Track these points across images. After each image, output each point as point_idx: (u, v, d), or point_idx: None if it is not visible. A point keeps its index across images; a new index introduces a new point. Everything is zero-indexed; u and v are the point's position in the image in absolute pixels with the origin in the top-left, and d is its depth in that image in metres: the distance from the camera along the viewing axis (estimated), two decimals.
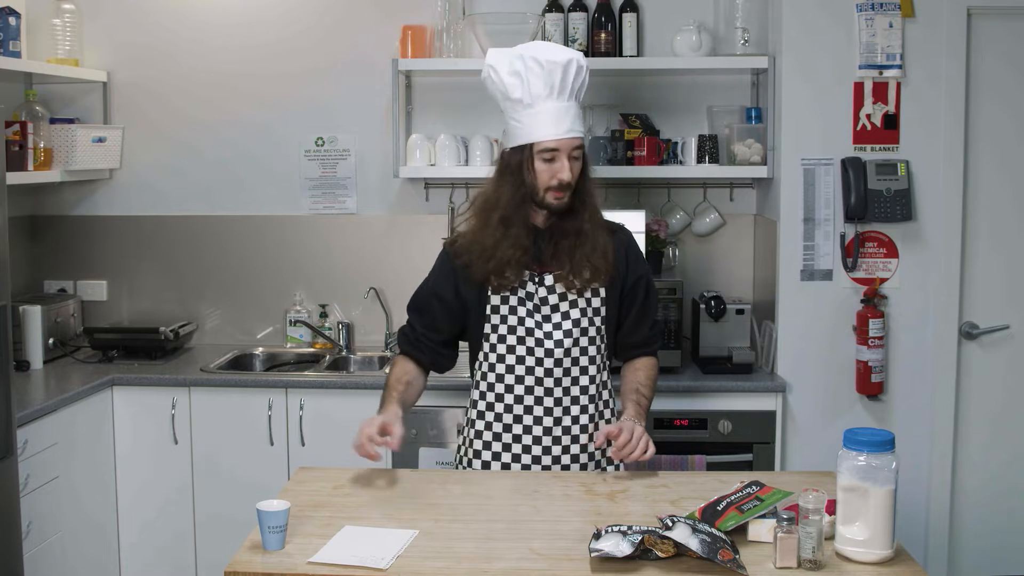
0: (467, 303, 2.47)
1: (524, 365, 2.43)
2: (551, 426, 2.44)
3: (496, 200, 2.42)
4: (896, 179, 3.38)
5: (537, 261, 2.44)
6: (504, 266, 2.39)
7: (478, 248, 2.42)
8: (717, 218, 3.84)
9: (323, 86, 3.98)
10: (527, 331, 2.43)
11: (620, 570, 1.83)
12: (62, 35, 3.87)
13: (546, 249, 2.44)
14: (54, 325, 3.76)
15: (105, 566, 3.48)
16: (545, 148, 2.35)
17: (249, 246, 4.06)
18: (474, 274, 2.43)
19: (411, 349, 2.56)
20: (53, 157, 3.68)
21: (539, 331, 2.42)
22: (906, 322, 3.46)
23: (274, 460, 3.48)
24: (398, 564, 1.88)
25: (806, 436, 3.47)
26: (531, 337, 2.42)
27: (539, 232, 2.45)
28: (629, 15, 3.75)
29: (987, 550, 3.52)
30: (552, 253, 2.43)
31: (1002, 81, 3.43)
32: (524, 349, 2.43)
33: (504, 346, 2.44)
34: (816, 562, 1.85)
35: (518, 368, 2.44)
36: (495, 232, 2.39)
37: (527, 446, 2.45)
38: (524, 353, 2.43)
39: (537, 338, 2.42)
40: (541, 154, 2.35)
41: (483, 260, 2.40)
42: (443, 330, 2.53)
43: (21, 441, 2.90)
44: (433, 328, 2.53)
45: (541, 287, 2.44)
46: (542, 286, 2.44)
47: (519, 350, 2.43)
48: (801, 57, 3.44)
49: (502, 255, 2.38)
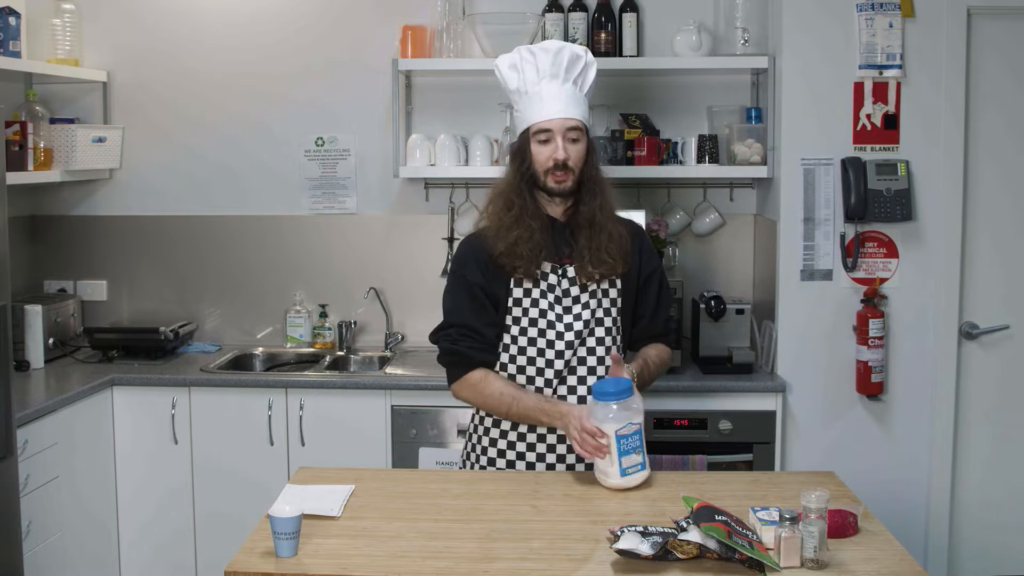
0: (497, 296, 2.48)
1: (544, 357, 2.45)
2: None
3: (503, 187, 2.49)
4: (896, 179, 3.38)
5: (558, 253, 2.47)
6: (514, 247, 2.41)
7: (492, 233, 2.45)
8: (717, 218, 3.84)
9: (323, 86, 3.98)
10: (548, 323, 2.45)
11: (642, 570, 1.83)
12: (62, 35, 3.87)
13: (566, 241, 2.47)
14: (54, 325, 3.76)
15: (105, 566, 3.48)
16: (539, 129, 2.42)
17: (249, 246, 4.06)
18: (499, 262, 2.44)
19: (486, 356, 2.46)
20: (53, 157, 3.68)
21: (560, 323, 2.45)
22: (906, 322, 3.46)
23: (274, 460, 3.48)
24: (398, 564, 1.89)
25: (806, 436, 3.47)
26: (552, 329, 2.44)
27: (558, 224, 2.48)
28: (629, 15, 3.75)
29: (987, 550, 3.52)
30: (571, 244, 2.46)
31: (1002, 81, 3.43)
32: (544, 341, 2.45)
33: (525, 338, 2.46)
34: (819, 561, 1.85)
35: (538, 360, 2.45)
36: (503, 216, 2.44)
37: (542, 435, 2.46)
38: (544, 345, 2.45)
39: (558, 330, 2.44)
40: (536, 136, 2.42)
41: (500, 243, 2.43)
42: (498, 322, 2.47)
43: (21, 441, 2.90)
44: (493, 323, 2.46)
45: (564, 279, 2.47)
46: (564, 278, 2.47)
47: (540, 342, 2.45)
48: (801, 57, 3.44)
49: (511, 237, 2.41)
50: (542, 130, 2.41)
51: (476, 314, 2.45)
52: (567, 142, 2.40)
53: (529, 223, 2.42)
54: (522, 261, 2.42)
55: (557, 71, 2.43)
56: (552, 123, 2.40)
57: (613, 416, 2.23)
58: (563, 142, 2.40)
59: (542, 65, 2.43)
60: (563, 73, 2.43)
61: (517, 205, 2.43)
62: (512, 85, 2.48)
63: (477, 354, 2.44)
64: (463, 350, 2.43)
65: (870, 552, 1.94)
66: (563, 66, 2.43)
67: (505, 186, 2.48)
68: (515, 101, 2.51)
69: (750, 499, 2.19)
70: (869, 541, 2.00)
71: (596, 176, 2.48)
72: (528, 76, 2.45)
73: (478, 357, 2.44)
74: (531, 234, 2.41)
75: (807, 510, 1.85)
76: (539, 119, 2.42)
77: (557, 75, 2.43)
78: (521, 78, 2.46)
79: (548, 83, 2.43)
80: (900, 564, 1.89)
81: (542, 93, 2.42)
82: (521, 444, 2.48)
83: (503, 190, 2.48)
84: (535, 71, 2.44)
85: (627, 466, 2.25)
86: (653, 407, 3.34)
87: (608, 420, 2.23)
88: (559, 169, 2.40)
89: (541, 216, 2.46)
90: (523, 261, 2.42)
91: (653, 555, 1.82)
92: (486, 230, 2.49)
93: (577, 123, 2.42)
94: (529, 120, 2.44)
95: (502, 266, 2.44)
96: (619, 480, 2.26)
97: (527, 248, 2.41)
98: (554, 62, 2.43)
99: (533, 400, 2.40)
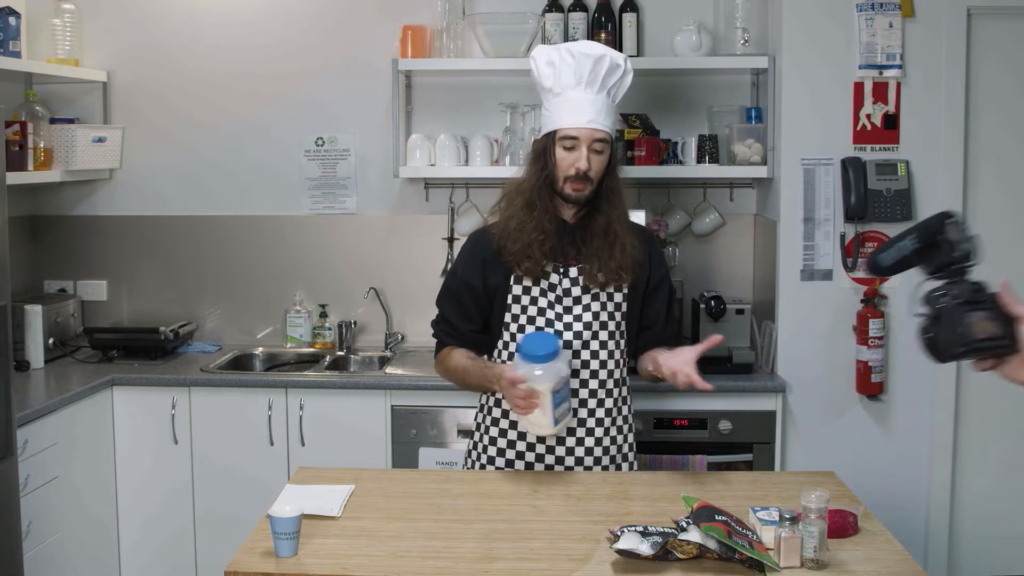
0: (494, 292, 2.49)
1: None
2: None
3: (520, 185, 2.48)
4: (896, 179, 3.38)
5: (563, 254, 2.47)
6: (528, 248, 2.41)
7: (504, 232, 2.45)
8: (717, 218, 3.84)
9: (323, 86, 3.98)
10: (547, 322, 2.45)
11: (642, 570, 1.83)
12: (62, 35, 3.87)
13: (573, 243, 2.47)
14: (54, 325, 3.76)
15: (105, 566, 3.48)
16: (566, 136, 2.39)
17: (249, 246, 4.06)
18: (503, 258, 2.45)
19: (451, 340, 2.55)
20: (53, 157, 3.68)
21: (559, 323, 2.45)
22: (906, 322, 3.45)
23: (274, 460, 3.48)
24: (398, 564, 1.89)
25: (806, 436, 3.47)
26: (550, 328, 2.44)
27: (567, 227, 2.48)
28: (629, 15, 3.75)
29: (987, 550, 3.53)
30: (578, 248, 2.46)
31: (1002, 81, 3.44)
32: None
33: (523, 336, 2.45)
34: (819, 561, 1.85)
35: None
36: (519, 215, 2.44)
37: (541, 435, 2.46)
38: None
39: (556, 329, 2.44)
40: (562, 141, 2.40)
41: (510, 243, 2.43)
42: (476, 319, 2.53)
43: (21, 441, 2.90)
44: (468, 318, 2.53)
45: (565, 279, 2.46)
46: (566, 277, 2.46)
47: None
48: (801, 57, 3.44)
49: (526, 238, 2.41)
50: (568, 137, 2.38)
51: (454, 308, 2.55)
52: (592, 152, 2.38)
53: (547, 226, 2.42)
54: (531, 262, 2.42)
55: (595, 78, 2.39)
56: (580, 132, 2.37)
57: (544, 375, 2.23)
58: (588, 152, 2.38)
59: (581, 70, 2.39)
60: (600, 81, 2.40)
61: (539, 208, 2.42)
62: (546, 83, 2.44)
63: (447, 338, 2.56)
64: (438, 334, 2.59)
65: (870, 552, 1.94)
66: (601, 74, 2.39)
67: (527, 186, 2.46)
68: (545, 99, 2.47)
69: (750, 499, 2.20)
70: (869, 541, 2.00)
71: (616, 186, 2.46)
72: (564, 78, 2.40)
73: (445, 340, 2.56)
74: (546, 237, 2.42)
75: (807, 510, 1.85)
76: (568, 125, 2.38)
77: (594, 82, 2.39)
78: (557, 78, 2.41)
79: (583, 90, 2.39)
80: (900, 564, 1.89)
81: (575, 99, 2.38)
82: (521, 443, 2.48)
83: (524, 190, 2.46)
84: (572, 74, 2.39)
85: (559, 416, 2.30)
86: (653, 407, 3.34)
87: (541, 379, 2.23)
88: (579, 179, 2.39)
89: (555, 219, 2.45)
90: (532, 262, 2.42)
91: (653, 555, 1.83)
92: (493, 227, 2.50)
93: (605, 134, 2.39)
94: (557, 123, 2.41)
95: (507, 263, 2.44)
96: (551, 430, 2.32)
97: (540, 251, 2.42)
98: (593, 69, 2.38)
99: (478, 367, 2.45)
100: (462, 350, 2.52)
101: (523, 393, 2.23)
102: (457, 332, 2.54)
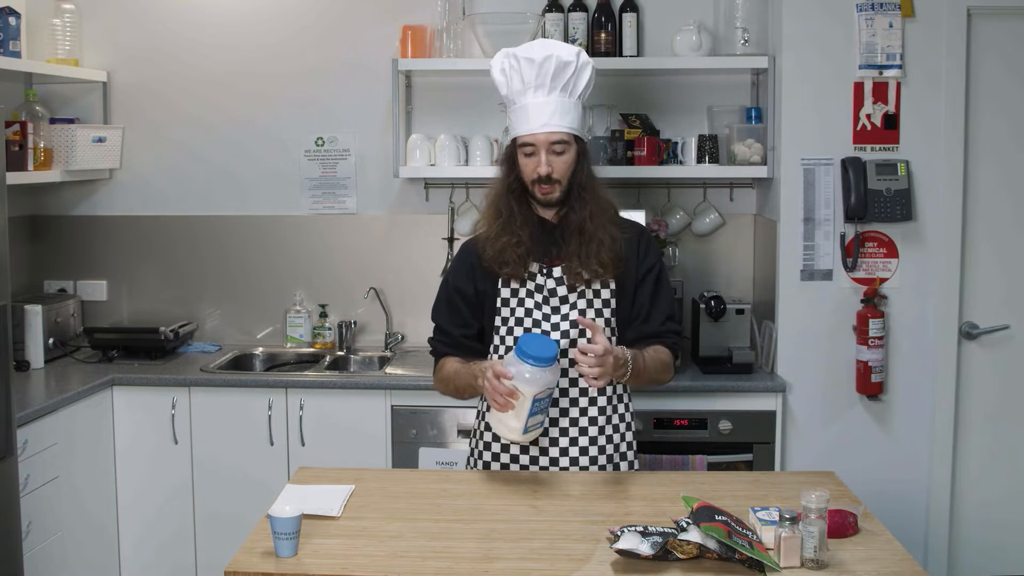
0: (484, 297, 2.50)
1: None
2: (558, 417, 2.44)
3: (492, 194, 2.52)
4: (896, 179, 3.38)
5: (547, 254, 2.47)
6: (502, 254, 2.43)
7: (484, 238, 2.48)
8: (717, 218, 3.84)
9: (323, 86, 3.98)
10: (534, 322, 2.45)
11: (642, 570, 1.83)
12: (62, 35, 3.87)
13: (555, 243, 2.47)
14: (54, 325, 3.76)
15: (105, 566, 3.48)
16: (523, 143, 2.41)
17: (249, 246, 4.06)
18: (485, 264, 2.47)
19: (449, 350, 2.53)
20: (53, 157, 3.68)
21: (546, 323, 2.44)
22: (906, 322, 3.46)
23: (274, 460, 3.48)
24: (398, 564, 1.89)
25: (806, 436, 3.47)
26: (538, 328, 2.44)
27: (549, 226, 2.49)
28: (629, 15, 3.75)
29: (987, 550, 3.52)
30: (560, 247, 2.46)
31: (1002, 81, 3.43)
32: None
33: (512, 338, 2.46)
34: (819, 561, 1.85)
35: None
36: (493, 221, 2.47)
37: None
38: None
39: (544, 329, 2.44)
40: (522, 148, 2.42)
41: (488, 249, 2.46)
42: (471, 323, 2.54)
43: (21, 441, 2.90)
44: (462, 323, 2.53)
45: (550, 279, 2.47)
46: (551, 278, 2.47)
47: None
48: (801, 57, 3.44)
49: (499, 243, 2.43)
50: (526, 144, 2.40)
51: (448, 316, 2.54)
52: (551, 155, 2.39)
53: (517, 231, 2.43)
54: (509, 267, 2.44)
55: (543, 81, 2.38)
56: (535, 137, 2.38)
57: (532, 378, 2.18)
58: (547, 156, 2.38)
59: (527, 75, 2.39)
60: (549, 83, 2.38)
61: (505, 213, 2.45)
62: (503, 91, 2.46)
63: (442, 347, 2.55)
64: (433, 345, 2.58)
65: (870, 552, 1.94)
66: (548, 76, 2.37)
67: (495, 193, 2.51)
68: (507, 106, 2.50)
69: (750, 499, 2.20)
70: (869, 541, 2.00)
71: (587, 183, 2.45)
72: (515, 85, 2.41)
73: (442, 351, 2.55)
74: (519, 240, 2.43)
75: (807, 510, 1.85)
76: (522, 132, 2.40)
77: (543, 85, 2.38)
78: (509, 86, 2.43)
79: (533, 94, 2.39)
80: (900, 564, 1.89)
81: (527, 105, 2.39)
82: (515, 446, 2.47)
83: (493, 198, 2.51)
84: (520, 81, 2.40)
85: (531, 426, 2.26)
86: (653, 407, 3.34)
87: (529, 382, 2.19)
88: (544, 182, 2.40)
89: (531, 221, 2.46)
90: (510, 267, 2.44)
91: (653, 555, 1.82)
92: (479, 235, 2.53)
93: (563, 135, 2.38)
94: (515, 131, 2.44)
95: (491, 269, 2.46)
96: (519, 436, 2.27)
97: (514, 255, 2.43)
98: (539, 73, 2.37)
99: (465, 367, 2.43)
100: (454, 358, 2.51)
101: (505, 390, 2.19)
102: (451, 339, 2.53)
